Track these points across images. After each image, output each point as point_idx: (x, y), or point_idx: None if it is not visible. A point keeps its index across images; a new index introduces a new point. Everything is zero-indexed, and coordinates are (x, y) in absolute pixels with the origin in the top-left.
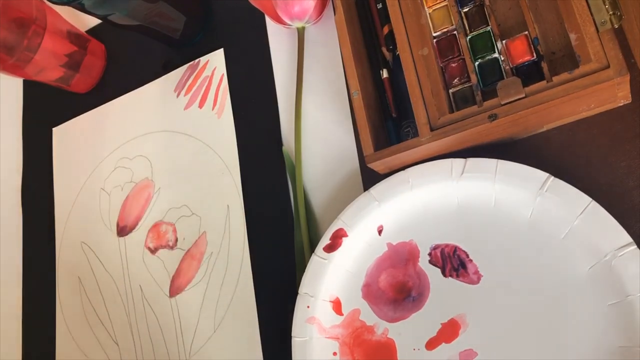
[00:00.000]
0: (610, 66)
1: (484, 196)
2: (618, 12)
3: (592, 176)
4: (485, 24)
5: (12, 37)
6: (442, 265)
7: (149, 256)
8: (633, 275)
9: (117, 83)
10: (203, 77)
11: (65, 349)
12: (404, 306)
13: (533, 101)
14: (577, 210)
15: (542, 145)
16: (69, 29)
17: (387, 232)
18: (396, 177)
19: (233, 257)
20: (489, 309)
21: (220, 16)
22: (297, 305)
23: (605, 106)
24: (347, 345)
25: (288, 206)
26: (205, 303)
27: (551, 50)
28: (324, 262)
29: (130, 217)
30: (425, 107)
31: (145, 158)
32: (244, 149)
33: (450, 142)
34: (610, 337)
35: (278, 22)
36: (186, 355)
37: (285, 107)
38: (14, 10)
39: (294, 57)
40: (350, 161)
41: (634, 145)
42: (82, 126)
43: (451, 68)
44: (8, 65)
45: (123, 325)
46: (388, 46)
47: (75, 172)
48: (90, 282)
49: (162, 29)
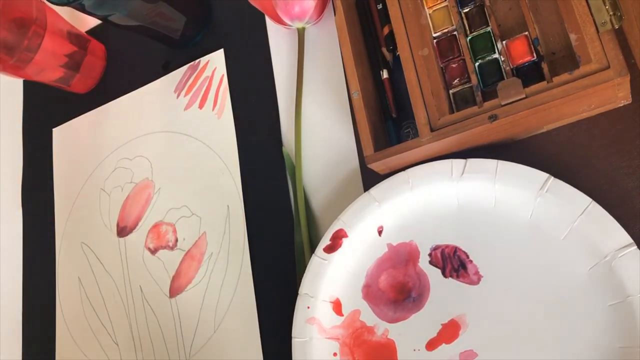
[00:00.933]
0: (610, 67)
1: (484, 197)
2: (618, 12)
3: (592, 176)
4: (485, 25)
5: (12, 37)
6: (442, 265)
7: (149, 257)
8: (633, 276)
9: (117, 83)
10: (203, 78)
11: (65, 349)
12: (404, 307)
13: (533, 102)
14: (577, 211)
15: (542, 146)
16: (69, 30)
17: (387, 233)
18: (396, 178)
19: (233, 257)
20: (489, 310)
21: (220, 16)
22: (297, 306)
23: (606, 107)
24: (348, 346)
25: (288, 206)
26: (205, 303)
27: (551, 51)
28: (324, 262)
29: (130, 217)
30: (425, 107)
31: (145, 158)
32: (244, 150)
33: (451, 143)
34: (610, 337)
35: (278, 22)
36: (186, 355)
37: (286, 108)
38: (14, 10)
39: (294, 58)
40: (350, 161)
41: (634, 145)
42: (82, 126)
43: (451, 68)
44: (8, 65)
45: (123, 325)
46: (388, 46)
47: (75, 172)
48: (90, 282)
49: (162, 29)
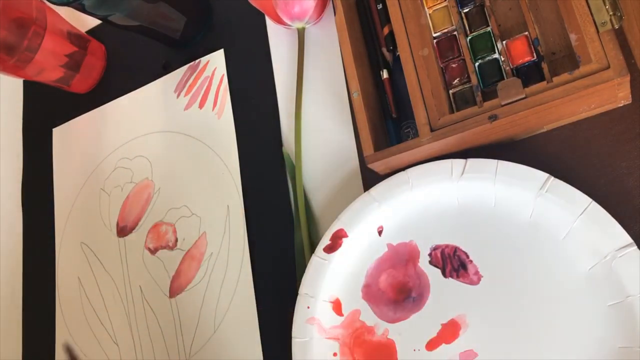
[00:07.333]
0: (610, 67)
1: (484, 197)
2: (618, 12)
3: (592, 176)
4: (485, 25)
5: (12, 37)
6: (442, 265)
7: (149, 257)
8: (633, 276)
9: (117, 83)
10: (203, 78)
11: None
12: (404, 307)
13: (533, 102)
14: (577, 211)
15: (542, 146)
16: (69, 30)
17: (387, 233)
18: (396, 178)
19: (233, 257)
20: (489, 310)
21: (220, 16)
22: (297, 306)
23: (606, 107)
24: (347, 346)
25: (288, 206)
26: (205, 303)
27: (551, 51)
28: (324, 262)
29: (130, 217)
30: (425, 107)
31: (145, 158)
32: (244, 150)
33: (451, 143)
34: (610, 337)
35: (278, 22)
36: (186, 355)
37: (286, 108)
38: (14, 10)
39: (294, 58)
40: (350, 161)
41: (634, 145)
42: (82, 126)
43: (451, 68)
44: (8, 65)
45: (123, 325)
46: (388, 47)
47: (75, 172)
48: (90, 282)
49: (162, 29)
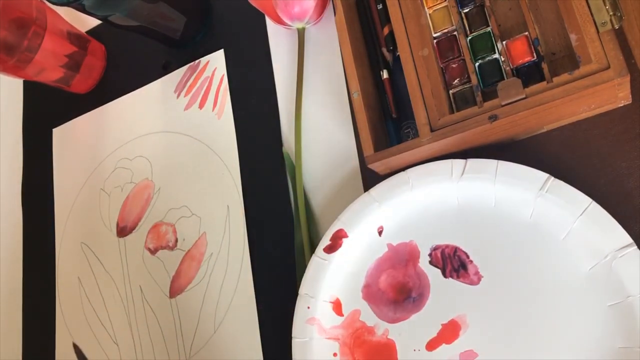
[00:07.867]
0: (610, 67)
1: (484, 197)
2: (618, 12)
3: (592, 177)
4: (485, 25)
5: (12, 37)
6: (442, 266)
7: (149, 257)
8: (633, 276)
9: (117, 84)
10: (203, 78)
11: (65, 349)
12: (404, 307)
13: (533, 102)
14: (577, 211)
15: (542, 146)
16: (69, 30)
17: (388, 233)
18: (396, 178)
19: (233, 257)
20: (490, 310)
21: (220, 17)
22: (297, 306)
23: (606, 107)
24: (348, 346)
25: (288, 206)
26: (205, 304)
27: (551, 51)
28: (324, 262)
29: (130, 217)
30: (425, 107)
31: (145, 159)
32: (244, 150)
33: (451, 143)
34: (610, 337)
35: (278, 22)
36: (186, 355)
37: (286, 108)
38: (14, 10)
39: (294, 58)
40: (350, 161)
41: (634, 145)
42: (82, 127)
43: (451, 69)
44: (8, 65)
45: (123, 325)
46: (388, 47)
47: (75, 172)
48: (90, 282)
49: (162, 29)
